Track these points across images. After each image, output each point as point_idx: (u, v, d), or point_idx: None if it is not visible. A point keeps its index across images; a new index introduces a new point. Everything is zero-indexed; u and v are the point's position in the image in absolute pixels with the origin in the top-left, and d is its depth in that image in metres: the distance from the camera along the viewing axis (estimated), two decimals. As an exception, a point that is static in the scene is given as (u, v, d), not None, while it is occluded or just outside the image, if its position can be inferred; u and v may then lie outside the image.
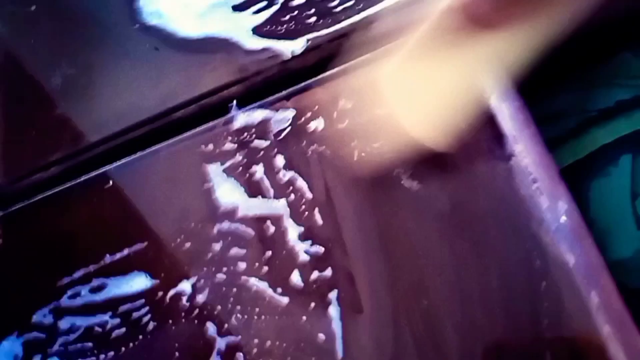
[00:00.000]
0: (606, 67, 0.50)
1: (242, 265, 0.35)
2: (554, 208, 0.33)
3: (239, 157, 0.38)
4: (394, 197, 0.35)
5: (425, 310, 0.32)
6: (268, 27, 0.41)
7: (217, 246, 0.36)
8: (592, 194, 0.47)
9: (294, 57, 0.40)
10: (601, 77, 0.50)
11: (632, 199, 0.45)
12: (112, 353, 0.36)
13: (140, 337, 0.35)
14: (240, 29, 0.41)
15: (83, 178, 0.41)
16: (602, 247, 0.34)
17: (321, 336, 0.33)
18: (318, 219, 0.35)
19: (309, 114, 0.38)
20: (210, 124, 0.40)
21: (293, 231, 0.35)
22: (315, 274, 0.34)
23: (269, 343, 0.33)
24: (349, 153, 0.36)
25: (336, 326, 0.33)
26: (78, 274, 0.37)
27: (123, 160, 0.40)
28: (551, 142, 0.49)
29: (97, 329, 0.36)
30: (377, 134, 0.36)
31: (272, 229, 0.36)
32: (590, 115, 0.48)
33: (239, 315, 0.34)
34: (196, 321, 0.35)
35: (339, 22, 0.40)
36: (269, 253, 0.35)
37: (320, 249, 0.35)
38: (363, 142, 0.36)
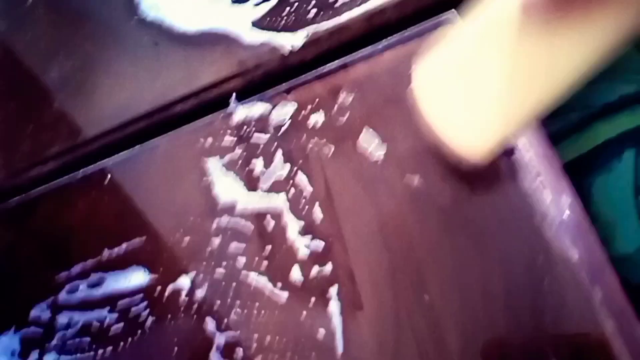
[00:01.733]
0: (610, 61, 0.50)
1: (242, 260, 0.35)
2: (557, 202, 0.33)
3: (238, 151, 0.38)
4: (395, 192, 0.34)
5: (426, 306, 0.32)
6: (268, 20, 0.41)
7: (216, 241, 0.36)
8: (595, 189, 0.47)
9: (293, 51, 0.39)
10: (605, 71, 0.49)
11: (635, 194, 0.45)
12: (110, 348, 0.35)
13: (139, 332, 0.35)
14: (240, 22, 0.41)
15: (81, 172, 0.40)
16: (605, 243, 0.33)
17: (321, 332, 0.33)
18: (318, 213, 0.35)
19: (309, 108, 0.38)
20: (210, 118, 0.39)
21: (293, 226, 0.35)
22: (315, 269, 0.34)
23: (268, 338, 0.33)
24: (349, 147, 0.35)
25: (336, 322, 0.33)
26: (76, 269, 0.37)
27: (121, 155, 0.40)
28: (554, 137, 0.48)
29: (96, 324, 0.36)
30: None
31: (272, 223, 0.35)
32: (593, 109, 0.48)
33: (238, 310, 0.34)
34: (195, 316, 0.34)
35: (339, 15, 0.39)
36: (268, 248, 0.35)
37: (320, 244, 0.34)
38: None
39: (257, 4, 0.41)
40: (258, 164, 0.37)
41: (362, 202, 0.34)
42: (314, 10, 0.40)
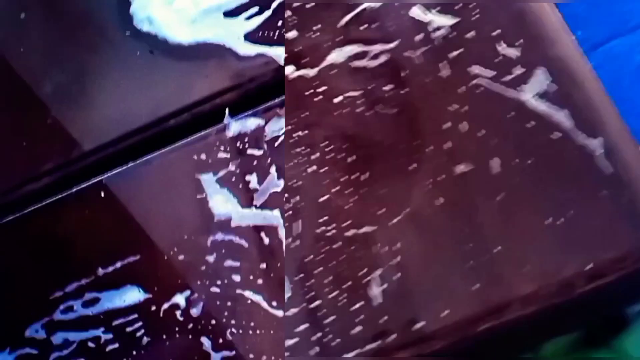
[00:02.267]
0: None
1: (237, 278, 0.35)
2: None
3: (232, 167, 0.37)
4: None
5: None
6: (261, 32, 0.40)
7: (211, 258, 0.36)
8: None
9: (288, 63, 0.39)
10: None
11: None
12: (105, 368, 0.35)
13: (134, 351, 0.35)
14: (233, 35, 0.41)
15: (75, 189, 0.40)
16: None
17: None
18: (314, 229, 0.35)
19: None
20: (204, 132, 0.39)
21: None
22: (311, 286, 0.34)
23: (264, 358, 0.33)
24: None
25: (332, 339, 0.32)
26: (71, 288, 0.37)
27: (115, 170, 0.40)
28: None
29: (91, 343, 0.35)
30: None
31: (267, 239, 0.35)
32: None
33: (234, 329, 0.34)
34: (191, 335, 0.34)
35: (333, 27, 0.39)
36: (264, 265, 0.35)
37: (316, 260, 0.34)
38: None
39: (248, 18, 0.41)
40: (253, 179, 0.37)
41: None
42: (308, 23, 0.40)
